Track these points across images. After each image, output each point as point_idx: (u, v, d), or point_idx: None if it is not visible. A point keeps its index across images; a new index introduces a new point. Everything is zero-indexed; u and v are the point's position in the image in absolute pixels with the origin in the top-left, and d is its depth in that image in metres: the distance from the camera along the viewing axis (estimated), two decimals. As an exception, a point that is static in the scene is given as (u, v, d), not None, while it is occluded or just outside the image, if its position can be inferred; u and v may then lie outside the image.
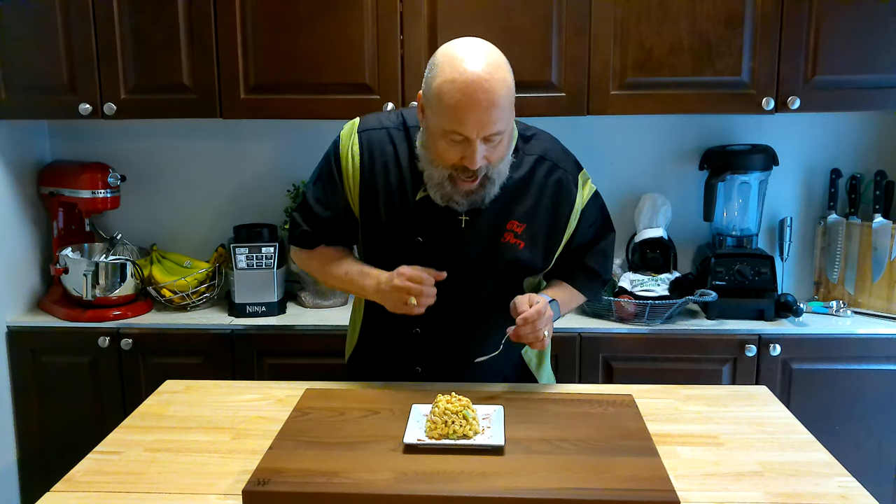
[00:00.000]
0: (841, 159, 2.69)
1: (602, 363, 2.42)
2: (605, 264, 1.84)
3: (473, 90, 1.49)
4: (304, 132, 2.72)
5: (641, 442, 1.45)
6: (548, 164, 1.72)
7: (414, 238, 1.70)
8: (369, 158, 1.71)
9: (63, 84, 2.44)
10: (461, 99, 1.50)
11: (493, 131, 1.53)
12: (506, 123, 1.55)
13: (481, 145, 1.54)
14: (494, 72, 1.51)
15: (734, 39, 2.34)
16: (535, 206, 1.71)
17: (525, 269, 1.74)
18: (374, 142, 1.72)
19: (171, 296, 2.57)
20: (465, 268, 1.70)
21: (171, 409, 1.68)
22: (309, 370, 2.00)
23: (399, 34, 2.38)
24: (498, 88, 1.50)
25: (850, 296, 2.60)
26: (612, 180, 2.74)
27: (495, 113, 1.51)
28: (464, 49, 1.54)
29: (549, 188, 1.72)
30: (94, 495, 1.34)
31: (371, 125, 1.74)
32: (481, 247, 1.70)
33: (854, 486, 1.36)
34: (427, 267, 1.65)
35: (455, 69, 1.51)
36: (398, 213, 1.70)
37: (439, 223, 1.69)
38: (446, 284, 1.67)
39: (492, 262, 1.71)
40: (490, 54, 1.54)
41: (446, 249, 1.69)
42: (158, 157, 2.80)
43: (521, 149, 1.72)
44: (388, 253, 1.73)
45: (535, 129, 1.77)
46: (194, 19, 2.39)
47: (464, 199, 1.63)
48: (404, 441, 1.42)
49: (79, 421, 2.48)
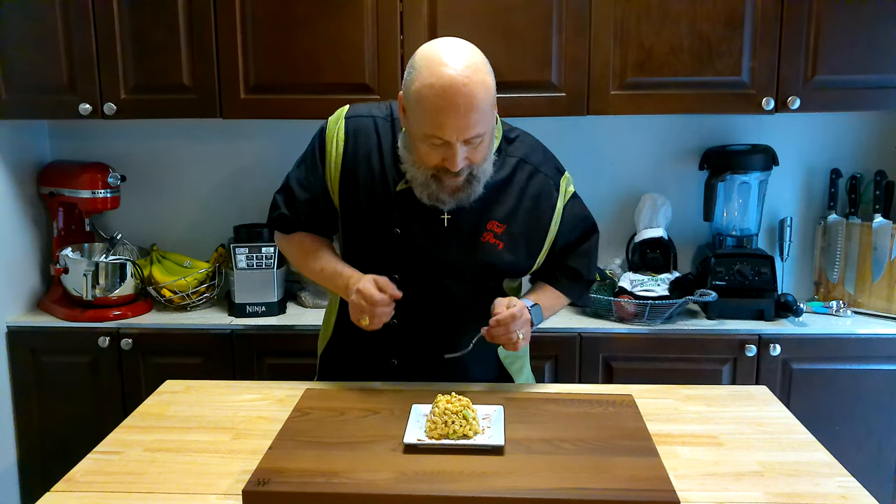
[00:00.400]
0: (841, 159, 2.69)
1: (602, 363, 2.42)
2: (588, 265, 1.83)
3: (452, 95, 1.47)
4: (305, 132, 2.69)
5: (641, 442, 1.45)
6: (529, 167, 1.72)
7: (392, 230, 1.70)
8: (353, 144, 1.71)
9: (63, 84, 2.44)
10: (440, 104, 1.48)
11: (474, 134, 1.52)
12: (487, 125, 1.54)
13: (462, 147, 1.53)
14: (473, 74, 1.49)
15: (734, 39, 2.34)
16: (515, 208, 1.70)
17: (504, 270, 1.74)
18: (359, 129, 1.72)
19: (171, 296, 2.57)
20: (443, 264, 1.70)
21: (171, 409, 1.68)
22: (309, 370, 2.00)
23: (399, 34, 2.38)
24: (477, 91, 1.48)
25: (850, 296, 2.60)
26: (612, 180, 2.75)
27: (475, 116, 1.49)
28: (442, 51, 1.51)
29: (529, 191, 1.71)
30: (94, 495, 1.34)
31: (359, 112, 1.74)
32: (460, 244, 1.69)
33: (854, 486, 1.35)
34: (404, 260, 1.67)
35: (433, 73, 1.49)
36: (377, 203, 1.70)
37: (419, 217, 1.68)
38: (424, 278, 1.68)
39: (470, 260, 1.70)
40: (469, 56, 1.52)
41: (424, 244, 1.69)
42: (158, 157, 2.80)
43: (503, 149, 1.71)
44: (365, 243, 1.74)
45: (519, 131, 1.77)
46: (194, 19, 2.39)
47: (450, 198, 1.63)
48: (404, 441, 1.42)
49: (79, 421, 2.49)
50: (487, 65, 1.55)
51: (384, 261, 1.72)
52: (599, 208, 2.61)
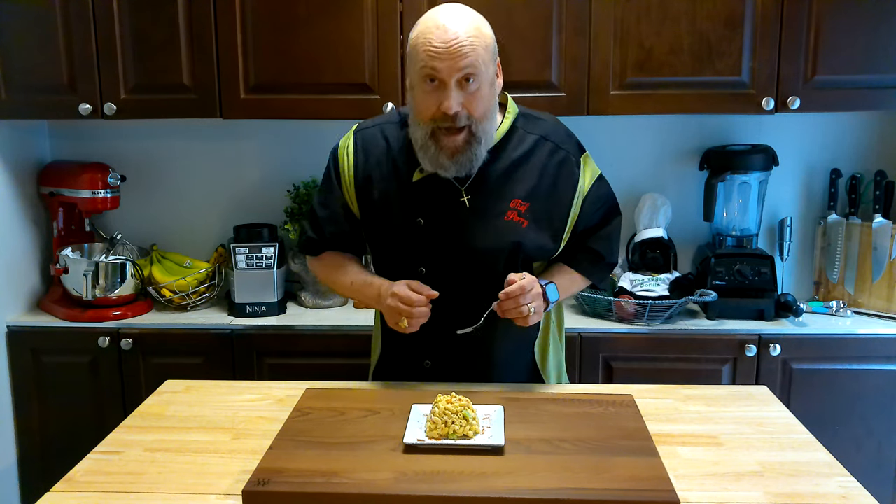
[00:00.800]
0: (841, 159, 2.69)
1: (602, 363, 2.42)
2: (611, 248, 1.83)
3: (444, 30, 1.57)
4: (304, 132, 2.72)
5: (641, 442, 1.45)
6: (550, 144, 1.74)
7: (415, 220, 1.70)
8: (363, 154, 1.76)
9: (63, 84, 2.44)
10: (432, 39, 1.57)
11: (466, 71, 1.57)
12: (481, 69, 1.59)
13: (457, 91, 1.58)
14: (466, 17, 1.60)
15: (734, 39, 2.34)
16: (536, 185, 1.71)
17: (530, 249, 1.71)
18: (367, 139, 1.77)
19: (171, 296, 2.57)
20: (469, 250, 1.70)
21: (171, 409, 1.68)
22: (309, 370, 2.00)
23: (399, 34, 2.38)
24: (470, 30, 1.58)
25: (850, 296, 2.60)
26: (612, 180, 2.69)
27: (467, 50, 1.56)
28: (439, 9, 1.63)
29: (550, 169, 1.72)
30: (94, 495, 1.34)
31: (366, 125, 1.81)
32: (484, 226, 1.69)
33: (854, 486, 1.35)
34: (431, 251, 1.69)
35: (429, 17, 1.61)
36: (396, 197, 1.72)
37: (440, 203, 1.69)
38: (451, 268, 1.69)
39: (495, 241, 1.69)
40: (463, 9, 1.63)
41: (449, 230, 1.70)
42: (158, 157, 2.80)
43: (521, 127, 1.75)
44: (391, 242, 1.75)
45: (540, 113, 1.80)
46: (194, 19, 2.39)
47: (450, 162, 1.63)
48: (404, 441, 1.42)
49: (79, 421, 2.48)
50: (483, 20, 1.64)
51: (411, 256, 1.72)
52: (599, 208, 2.62)
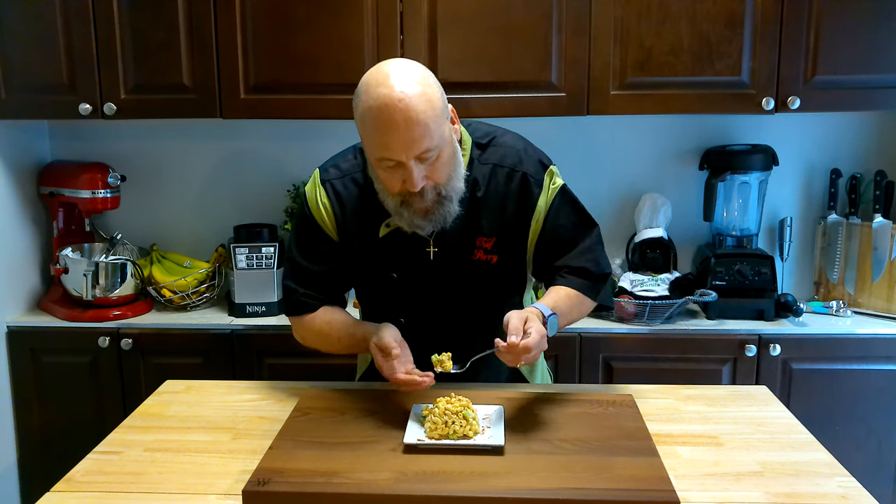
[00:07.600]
0: (841, 159, 2.69)
1: (602, 363, 2.42)
2: (598, 260, 1.74)
3: (389, 113, 1.45)
4: (304, 132, 2.72)
5: (641, 442, 1.45)
6: (504, 170, 1.66)
7: (389, 275, 1.70)
8: (339, 205, 1.69)
9: (63, 84, 2.44)
10: (379, 124, 1.47)
11: (423, 149, 1.48)
12: (437, 140, 1.49)
13: (417, 166, 1.49)
14: (409, 89, 1.46)
15: (734, 39, 2.34)
16: (498, 216, 1.66)
17: (501, 285, 1.71)
18: (338, 189, 1.70)
19: (171, 296, 2.57)
20: (442, 300, 1.70)
21: (171, 409, 1.68)
22: (309, 370, 2.00)
23: (399, 34, 2.38)
24: (415, 105, 1.45)
25: (850, 296, 2.60)
26: (612, 180, 2.75)
27: (418, 130, 1.46)
28: (380, 73, 1.50)
29: (511, 195, 1.66)
30: (94, 495, 1.34)
31: (332, 175, 1.71)
32: (452, 273, 1.68)
33: (854, 486, 1.35)
34: (404, 300, 1.71)
35: (370, 96, 1.48)
36: (370, 251, 1.70)
37: (407, 257, 1.68)
38: (430, 317, 1.70)
39: (467, 282, 1.69)
40: (407, 73, 1.49)
41: (420, 282, 1.70)
42: (158, 157, 2.80)
43: (475, 159, 1.66)
44: (371, 292, 1.80)
45: (495, 134, 1.71)
46: (194, 19, 2.39)
47: (424, 221, 1.59)
48: (404, 441, 1.42)
49: (79, 421, 2.48)
50: (431, 79, 1.52)
51: (390, 307, 1.73)
52: (599, 208, 2.62)
